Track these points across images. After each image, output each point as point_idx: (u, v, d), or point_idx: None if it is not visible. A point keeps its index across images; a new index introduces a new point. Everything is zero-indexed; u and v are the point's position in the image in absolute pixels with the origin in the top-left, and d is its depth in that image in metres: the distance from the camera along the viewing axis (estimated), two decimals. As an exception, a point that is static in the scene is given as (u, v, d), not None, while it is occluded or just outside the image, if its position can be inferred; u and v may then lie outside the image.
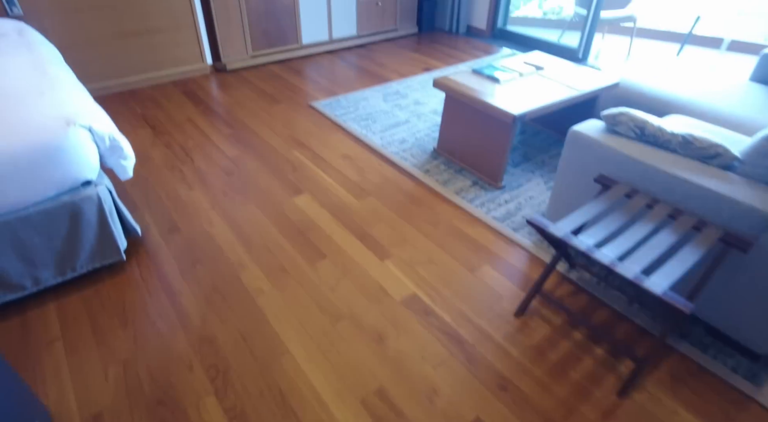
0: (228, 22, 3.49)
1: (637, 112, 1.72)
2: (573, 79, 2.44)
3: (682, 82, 2.51)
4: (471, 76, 2.47)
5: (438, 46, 4.39)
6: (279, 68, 3.78)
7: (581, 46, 4.06)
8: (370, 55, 4.12)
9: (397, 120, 3.01)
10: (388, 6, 4.35)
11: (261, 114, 3.05)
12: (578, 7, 4.30)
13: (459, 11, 4.62)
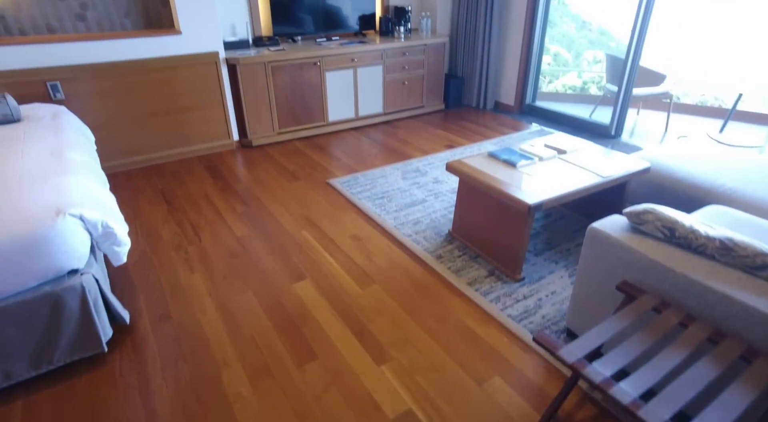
0: (256, 102, 3.62)
1: (665, 209, 1.52)
2: (598, 163, 2.28)
3: (723, 166, 2.29)
4: (486, 159, 2.36)
5: (464, 123, 4.37)
6: (303, 144, 3.84)
7: (613, 122, 3.92)
8: (394, 132, 4.14)
9: (414, 199, 2.91)
10: (415, 84, 4.43)
11: (278, 191, 3.04)
12: (609, 84, 4.22)
13: (486, 88, 4.65)
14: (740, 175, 2.22)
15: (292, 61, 3.64)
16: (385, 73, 4.19)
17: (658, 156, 2.47)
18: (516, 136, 3.98)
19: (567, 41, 5.70)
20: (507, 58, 4.53)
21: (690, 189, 2.22)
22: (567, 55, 5.75)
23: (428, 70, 4.45)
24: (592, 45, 5.52)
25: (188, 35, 3.25)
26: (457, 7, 4.56)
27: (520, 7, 4.23)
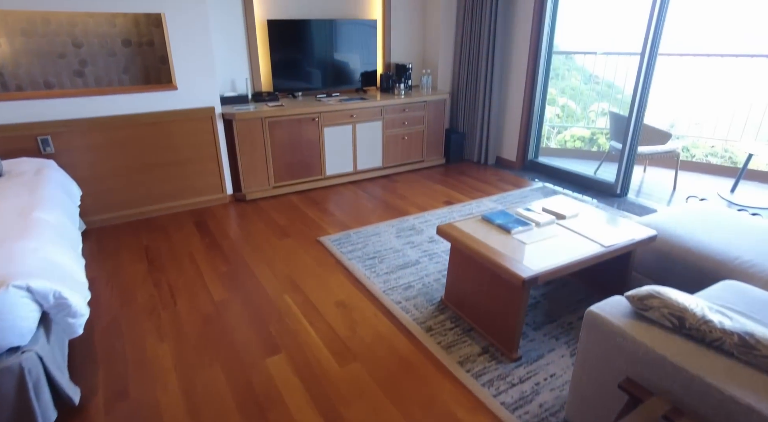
0: (251, 156, 3.57)
1: (673, 293, 1.35)
2: (599, 231, 2.13)
3: (738, 235, 2.12)
4: (479, 223, 2.22)
5: (464, 178, 4.28)
6: (299, 199, 3.75)
7: (618, 181, 3.79)
8: (392, 187, 4.05)
9: (407, 260, 2.75)
10: (415, 139, 4.39)
11: (265, 249, 2.91)
12: (614, 141, 4.13)
13: (487, 143, 4.59)
14: (757, 246, 2.04)
15: (289, 116, 3.62)
16: (385, 129, 4.17)
17: (666, 222, 2.31)
18: (517, 193, 3.86)
19: (575, 94, 5.75)
20: (508, 114, 4.50)
21: (702, 260, 2.04)
22: (575, 107, 5.77)
23: (428, 125, 4.42)
24: (599, 97, 5.54)
25: (185, 91, 3.26)
26: (458, 64, 4.59)
27: (521, 63, 4.24)
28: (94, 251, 2.89)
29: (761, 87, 4.64)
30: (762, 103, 4.76)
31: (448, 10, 4.42)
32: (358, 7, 4.24)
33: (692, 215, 2.39)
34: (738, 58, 4.55)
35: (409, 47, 4.65)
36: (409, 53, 4.67)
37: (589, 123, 5.59)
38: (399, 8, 4.44)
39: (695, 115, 5.93)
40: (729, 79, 4.88)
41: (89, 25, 2.92)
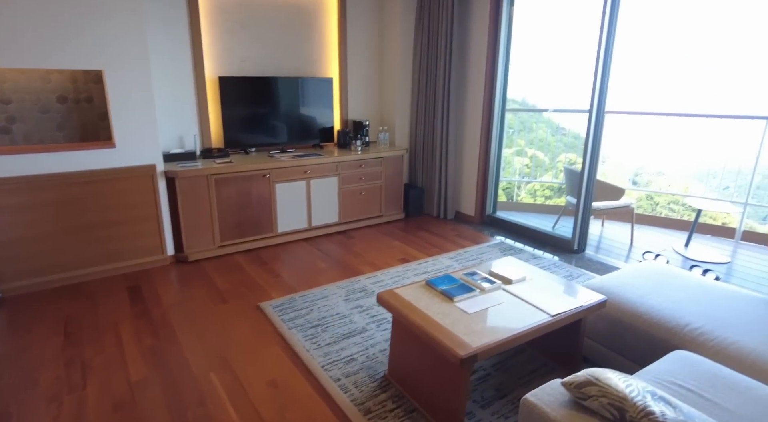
0: (195, 215, 3.40)
1: (612, 378, 1.21)
2: (547, 298, 2.01)
3: (688, 299, 2.04)
4: (422, 290, 2.08)
5: (423, 233, 4.18)
6: (246, 258, 3.55)
7: (575, 237, 3.75)
8: (349, 243, 3.90)
9: (353, 328, 2.56)
10: (373, 195, 4.31)
11: (199, 318, 2.67)
12: (569, 196, 4.14)
13: (446, 198, 4.55)
14: (706, 311, 1.96)
15: (238, 173, 3.50)
16: (341, 184, 4.08)
17: (618, 285, 2.22)
18: (475, 250, 3.77)
19: (543, 145, 5.90)
20: (465, 170, 4.50)
21: (652, 328, 1.93)
22: (543, 157, 5.90)
23: (387, 180, 4.37)
24: (566, 148, 5.69)
25: (124, 148, 3.11)
26: (414, 121, 4.63)
27: (476, 121, 4.29)
28: (5, 323, 2.60)
29: (713, 145, 4.81)
30: (712, 161, 4.92)
31: (404, 70, 4.50)
32: (314, 65, 4.27)
33: (644, 276, 2.32)
34: (688, 117, 4.74)
35: (366, 105, 4.68)
36: (367, 110, 4.70)
37: (557, 174, 5.69)
38: (355, 68, 4.50)
39: (652, 170, 6.11)
40: (683, 137, 5.06)
41: (20, 82, 2.79)
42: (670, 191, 5.59)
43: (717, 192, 5.10)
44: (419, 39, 4.37)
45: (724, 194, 4.95)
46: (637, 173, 6.39)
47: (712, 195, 4.93)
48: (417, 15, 4.36)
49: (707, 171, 5.46)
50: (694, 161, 5.74)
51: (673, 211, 5.72)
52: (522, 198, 6.07)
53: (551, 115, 5.75)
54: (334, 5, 4.23)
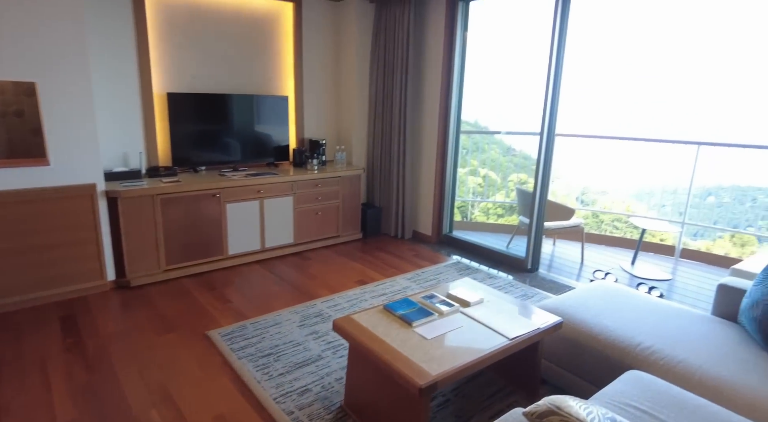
0: (139, 237, 3.19)
1: (574, 407, 1.19)
2: (504, 320, 2.00)
3: (640, 319, 2.09)
4: (381, 315, 2.02)
5: (381, 254, 4.14)
6: (194, 283, 3.36)
7: (529, 256, 3.82)
8: (304, 265, 3.79)
9: (308, 356, 2.45)
10: (329, 215, 4.24)
11: (141, 349, 2.48)
12: (522, 216, 4.24)
13: (403, 218, 4.54)
14: (656, 330, 2.01)
15: (186, 193, 3.33)
16: (296, 204, 3.98)
17: (572, 305, 2.25)
18: (432, 270, 3.75)
19: (495, 165, 6.05)
20: (422, 190, 4.52)
21: (607, 348, 1.96)
22: (495, 177, 6.04)
23: (344, 200, 4.31)
24: (517, 168, 5.86)
25: (60, 166, 2.89)
26: (371, 141, 4.62)
27: (432, 142, 4.33)
28: None
29: (651, 167, 5.10)
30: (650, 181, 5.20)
31: (360, 90, 4.51)
32: (269, 83, 4.19)
33: (597, 296, 2.36)
34: (629, 140, 5.01)
35: (322, 124, 4.63)
36: (323, 129, 4.65)
37: (508, 193, 5.83)
38: (312, 87, 4.46)
39: (597, 190, 6.39)
40: (624, 159, 5.32)
41: (-61, 93, 2.55)
42: (616, 211, 5.85)
43: (656, 210, 5.41)
44: (376, 60, 4.40)
45: (662, 213, 5.25)
46: (583, 193, 6.68)
47: (651, 214, 5.22)
48: (373, 37, 4.40)
49: (645, 191, 5.78)
50: (634, 182, 6.07)
51: (617, 228, 5.99)
52: (476, 216, 6.18)
53: (503, 137, 5.94)
54: (289, 24, 4.20)
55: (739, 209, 4.86)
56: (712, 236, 5.28)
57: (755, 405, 1.58)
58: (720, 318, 2.20)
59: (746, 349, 1.88)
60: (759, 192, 5.10)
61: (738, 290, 2.17)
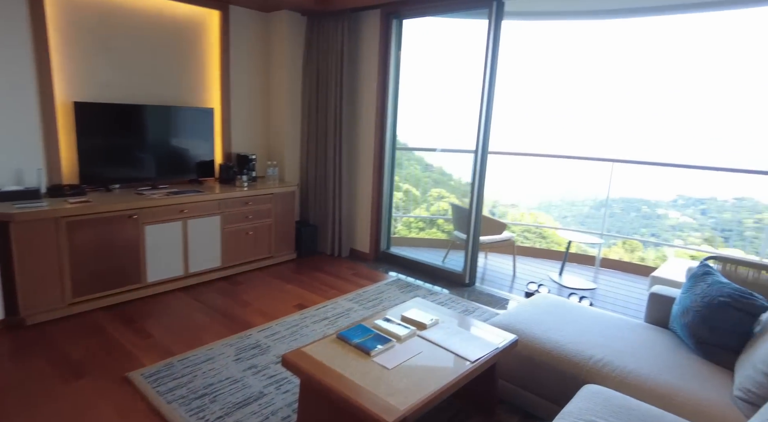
0: (37, 266, 2.74)
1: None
2: (463, 341, 1.95)
3: (588, 332, 2.14)
4: (335, 345, 1.87)
5: (318, 274, 3.96)
6: (107, 317, 2.95)
7: (466, 270, 3.86)
8: (235, 290, 3.50)
9: (248, 394, 2.22)
10: (261, 234, 3.98)
11: (40, 403, 2.08)
12: (457, 231, 4.29)
13: (340, 236, 4.40)
14: (604, 341, 2.07)
15: (98, 214, 2.94)
16: (224, 224, 3.69)
17: (521, 321, 2.26)
18: (373, 289, 3.65)
19: (415, 180, 6.11)
20: (359, 207, 4.43)
21: (562, 364, 1.98)
22: (416, 193, 6.10)
23: (276, 219, 4.08)
24: (435, 184, 5.96)
25: (-68, 185, 2.40)
26: (305, 155, 4.45)
27: (368, 158, 4.27)
28: None
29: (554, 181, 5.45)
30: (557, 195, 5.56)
31: (293, 104, 4.34)
32: (192, 94, 3.89)
33: (542, 310, 2.40)
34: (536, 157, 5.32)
35: (252, 138, 4.39)
36: (253, 144, 4.40)
37: (428, 207, 5.92)
38: (240, 99, 4.21)
39: (507, 203, 6.71)
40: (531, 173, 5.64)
41: None
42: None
43: (559, 221, 5.82)
44: (308, 73, 4.27)
45: (564, 223, 5.67)
46: (493, 205, 7.01)
47: (557, 224, 5.61)
48: (305, 49, 4.27)
49: (551, 203, 6.18)
50: (540, 195, 6.47)
51: (527, 239, 6.33)
52: (398, 230, 6.22)
53: (422, 153, 6.06)
54: (215, 33, 3.94)
55: (626, 219, 5.33)
56: (608, 243, 5.77)
57: (700, 409, 1.66)
58: (653, 325, 2.33)
59: (682, 354, 1.99)
60: (642, 203, 5.67)
61: (668, 298, 2.32)
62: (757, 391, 1.60)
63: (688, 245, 5.20)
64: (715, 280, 2.05)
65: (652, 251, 5.99)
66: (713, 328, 1.93)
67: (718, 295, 1.95)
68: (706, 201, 4.95)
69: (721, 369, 1.89)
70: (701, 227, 5.29)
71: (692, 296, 2.08)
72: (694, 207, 5.64)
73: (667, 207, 5.91)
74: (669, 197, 5.52)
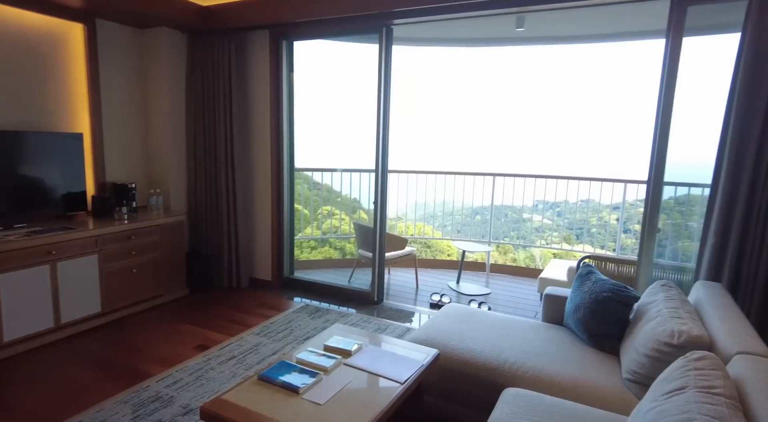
0: None
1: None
2: (388, 363, 1.95)
3: (499, 338, 2.28)
4: (258, 388, 1.74)
5: (217, 309, 3.67)
6: (-49, 392, 2.39)
7: (374, 288, 3.90)
8: (121, 338, 3.09)
9: (155, 457, 1.95)
10: (147, 271, 3.58)
11: None
12: (362, 250, 4.32)
13: (238, 264, 4.14)
14: (514, 344, 2.23)
15: (-69, 266, 2.38)
16: (103, 263, 3.25)
17: (437, 334, 2.33)
18: (281, 319, 3.49)
19: (303, 199, 6.05)
20: (258, 232, 4.23)
21: (481, 371, 2.08)
22: (306, 211, 6.03)
23: (164, 252, 3.71)
24: (324, 201, 5.97)
25: None
26: (193, 181, 4.13)
27: (265, 181, 4.11)
28: None
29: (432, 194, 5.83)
30: (437, 206, 5.96)
31: (177, 127, 4.02)
32: (54, 117, 3.39)
33: (453, 320, 2.50)
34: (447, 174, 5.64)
35: (130, 164, 3.96)
36: (132, 171, 3.97)
37: (319, 225, 5.89)
38: (113, 122, 3.78)
39: (392, 216, 6.97)
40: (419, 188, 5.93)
41: None
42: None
43: (440, 229, 6.25)
44: (193, 95, 4.00)
45: (445, 232, 6.11)
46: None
47: (437, 234, 6.02)
48: (188, 70, 4.00)
49: (430, 214, 6.56)
50: (421, 207, 6.86)
51: (419, 252, 6.65)
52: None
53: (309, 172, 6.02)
54: (79, 49, 3.50)
55: (496, 224, 5.89)
56: (487, 249, 6.34)
57: (601, 395, 1.87)
58: (550, 323, 2.58)
59: (579, 348, 2.23)
60: (509, 210, 6.33)
61: (560, 298, 2.59)
62: (642, 371, 1.85)
63: (550, 245, 5.91)
64: (597, 278, 2.35)
65: (521, 252, 6.69)
66: (601, 321, 2.20)
67: (602, 291, 2.24)
68: (560, 204, 5.63)
69: (611, 357, 2.15)
70: (558, 227, 6.02)
71: (581, 294, 2.35)
72: (551, 210, 6.39)
73: (529, 212, 6.65)
74: (530, 203, 6.19)
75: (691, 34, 2.64)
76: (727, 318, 1.81)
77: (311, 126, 5.34)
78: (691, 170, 3.29)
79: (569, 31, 4.53)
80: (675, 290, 2.12)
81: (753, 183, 2.38)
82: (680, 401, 1.26)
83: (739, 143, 2.40)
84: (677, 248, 3.54)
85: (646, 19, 3.80)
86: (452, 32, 4.78)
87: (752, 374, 1.40)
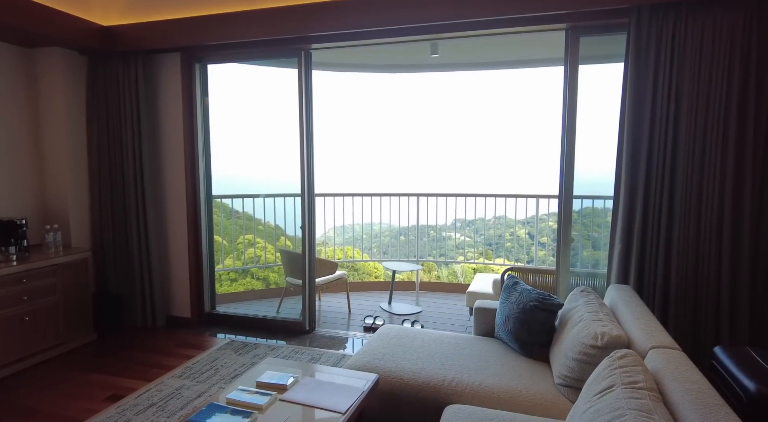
0: None
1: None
2: (327, 394, 1.87)
3: (436, 355, 2.29)
4: (185, 437, 1.57)
5: (130, 352, 3.32)
6: None
7: (305, 317, 3.76)
8: (11, 399, 2.66)
9: None
10: (43, 317, 3.16)
11: None
12: (290, 277, 4.18)
13: (153, 302, 3.80)
14: (450, 360, 2.25)
15: None
16: (-13, 313, 2.81)
17: (374, 358, 2.29)
18: (205, 358, 3.23)
19: (222, 228, 5.75)
20: (174, 265, 3.91)
21: (421, 391, 2.07)
22: (225, 242, 5.74)
23: (65, 294, 3.30)
24: (244, 230, 5.73)
25: None
26: (98, 214, 3.76)
27: (180, 211, 3.83)
28: None
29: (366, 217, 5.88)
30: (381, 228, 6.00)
31: (75, 155, 3.65)
32: None
33: (389, 342, 2.47)
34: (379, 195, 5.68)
35: (19, 198, 3.51)
36: (21, 205, 3.52)
37: (238, 255, 5.64)
38: (-2, 150, 3.35)
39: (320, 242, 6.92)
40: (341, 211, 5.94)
41: None
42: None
43: (367, 251, 6.30)
44: (95, 120, 3.68)
45: (372, 254, 6.17)
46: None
47: (365, 257, 6.07)
48: (88, 93, 3.68)
49: (354, 237, 6.61)
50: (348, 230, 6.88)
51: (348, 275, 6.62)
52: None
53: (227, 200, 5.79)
54: (-46, 68, 3.08)
55: (420, 243, 6.07)
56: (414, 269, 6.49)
57: (537, 403, 1.93)
58: (482, 336, 2.64)
59: (512, 358, 2.30)
60: (431, 229, 6.56)
61: (490, 310, 2.67)
62: (572, 375, 1.94)
63: (470, 260, 6.18)
64: (523, 288, 2.46)
65: (444, 269, 6.91)
66: (530, 330, 2.29)
67: (528, 300, 2.34)
68: (476, 222, 5.92)
69: (542, 364, 2.24)
70: (476, 243, 6.31)
71: (509, 305, 2.44)
72: (468, 227, 6.68)
73: (449, 230, 6.91)
74: (450, 222, 6.43)
75: (587, 62, 2.94)
76: (638, 317, 1.97)
77: (230, 152, 5.14)
78: (594, 184, 3.61)
79: (481, 57, 4.85)
80: (593, 295, 2.28)
81: (646, 193, 2.66)
82: (611, 399, 1.33)
83: (633, 159, 2.68)
84: (586, 257, 3.84)
85: (548, 48, 4.19)
86: (372, 58, 4.90)
87: (665, 365, 1.52)
